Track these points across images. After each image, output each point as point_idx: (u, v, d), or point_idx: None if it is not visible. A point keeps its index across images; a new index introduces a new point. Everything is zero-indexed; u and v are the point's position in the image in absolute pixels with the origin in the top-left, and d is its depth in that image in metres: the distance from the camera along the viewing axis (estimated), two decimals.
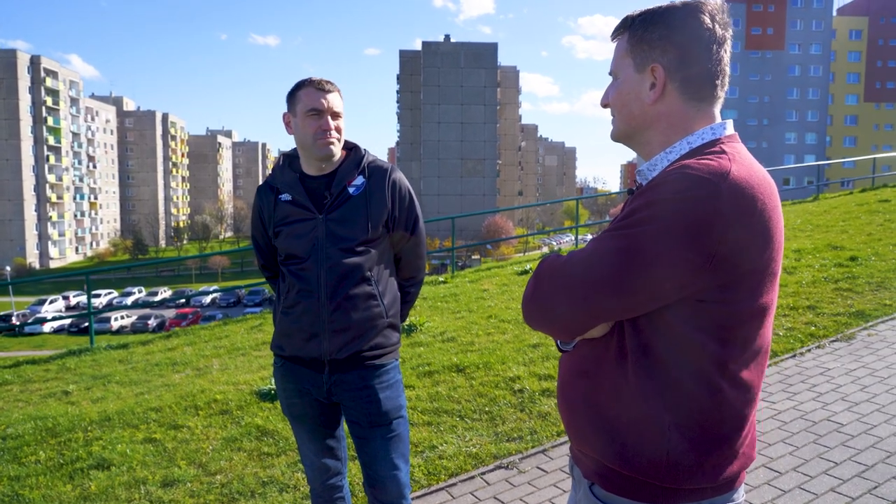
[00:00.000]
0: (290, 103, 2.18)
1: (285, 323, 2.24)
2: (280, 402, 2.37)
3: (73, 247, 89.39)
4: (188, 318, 40.06)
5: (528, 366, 4.95)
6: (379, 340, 2.21)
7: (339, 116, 2.18)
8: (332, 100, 2.14)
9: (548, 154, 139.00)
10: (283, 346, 2.27)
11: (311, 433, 2.30)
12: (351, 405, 2.22)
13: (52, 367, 7.29)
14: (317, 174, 2.22)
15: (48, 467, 3.86)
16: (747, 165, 1.17)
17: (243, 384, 5.07)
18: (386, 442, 2.22)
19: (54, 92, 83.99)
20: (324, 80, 2.16)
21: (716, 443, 1.19)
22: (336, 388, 2.22)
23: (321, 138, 2.13)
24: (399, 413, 2.25)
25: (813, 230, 10.40)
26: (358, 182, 2.20)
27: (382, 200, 2.20)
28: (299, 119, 2.15)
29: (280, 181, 2.24)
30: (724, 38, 1.22)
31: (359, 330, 2.17)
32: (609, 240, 1.16)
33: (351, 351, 2.17)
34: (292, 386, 2.28)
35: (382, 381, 2.22)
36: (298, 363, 2.25)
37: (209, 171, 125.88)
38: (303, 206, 2.18)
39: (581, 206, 48.84)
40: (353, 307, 2.15)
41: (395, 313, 2.27)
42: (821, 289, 6.68)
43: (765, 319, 1.21)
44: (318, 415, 2.29)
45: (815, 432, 3.69)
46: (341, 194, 2.18)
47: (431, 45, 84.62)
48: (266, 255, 2.37)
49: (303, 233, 2.16)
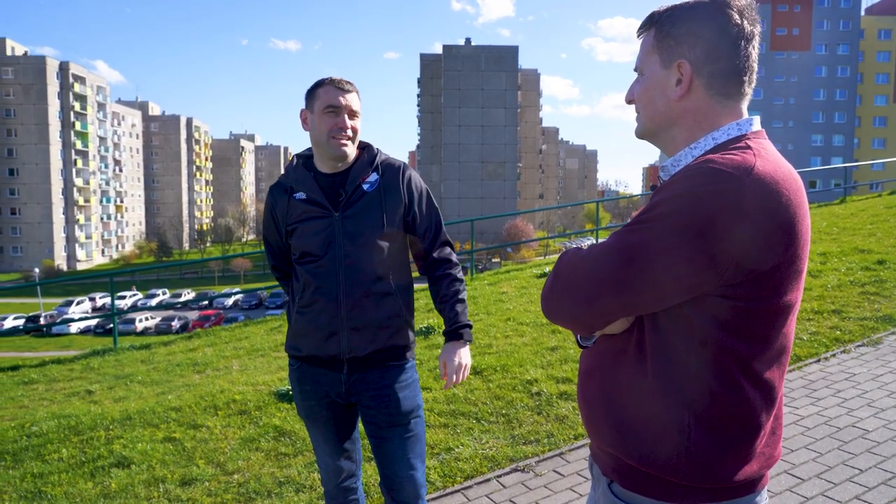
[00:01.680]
0: (309, 100, 2.19)
1: (301, 322, 2.22)
2: (296, 404, 2.36)
3: (99, 249, 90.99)
4: (211, 320, 40.56)
5: (546, 368, 4.91)
6: (397, 338, 2.21)
7: (355, 116, 2.17)
8: (350, 99, 2.15)
9: (569, 157, 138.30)
10: (299, 347, 2.26)
11: (327, 435, 2.30)
12: (369, 405, 2.21)
13: (76, 366, 7.42)
14: (331, 172, 2.21)
15: (70, 465, 3.92)
16: (773, 161, 1.14)
17: (262, 385, 5.11)
18: (403, 442, 2.21)
19: (82, 97, 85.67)
20: (343, 79, 2.16)
21: (736, 441, 1.17)
22: (355, 387, 2.21)
23: (336, 136, 2.13)
24: (416, 413, 2.24)
25: (839, 233, 10.20)
26: (372, 179, 2.20)
27: (398, 196, 2.19)
28: (316, 116, 2.15)
29: (294, 180, 2.23)
30: (752, 34, 1.20)
31: (377, 327, 2.16)
32: (629, 234, 1.15)
33: (370, 349, 2.16)
34: (309, 388, 2.27)
35: (401, 381, 2.21)
36: (316, 363, 2.24)
37: (232, 174, 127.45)
38: (318, 203, 2.17)
39: (602, 209, 48.46)
40: (370, 305, 2.14)
41: (411, 311, 2.26)
42: (847, 293, 6.55)
43: (788, 317, 1.18)
44: (335, 417, 2.28)
45: (839, 438, 3.61)
46: (356, 191, 2.17)
47: (452, 48, 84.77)
48: (278, 255, 2.37)
49: (318, 230, 2.15)
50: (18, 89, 78.97)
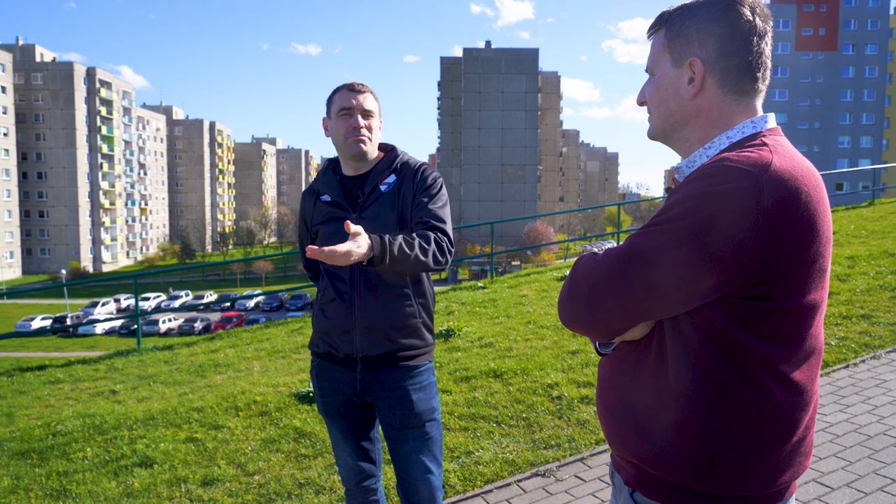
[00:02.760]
0: (328, 107, 2.28)
1: (321, 320, 2.28)
2: (316, 400, 2.40)
3: (124, 251, 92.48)
4: (232, 322, 40.95)
5: (567, 372, 4.87)
6: (412, 340, 2.22)
7: (370, 116, 2.22)
8: (362, 99, 2.20)
9: (589, 160, 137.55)
10: (318, 344, 2.32)
11: (345, 433, 2.32)
12: (384, 405, 2.23)
13: (101, 366, 7.53)
14: (354, 174, 2.27)
15: (94, 463, 3.97)
16: (790, 157, 1.11)
17: (282, 386, 5.13)
18: (418, 444, 2.21)
19: (108, 102, 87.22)
20: (357, 82, 2.23)
21: (764, 448, 1.14)
22: (369, 387, 2.23)
23: (352, 136, 2.18)
24: (432, 416, 2.25)
25: (868, 236, 9.99)
26: (389, 180, 2.24)
27: (410, 193, 2.20)
28: (333, 120, 2.23)
29: (321, 183, 2.32)
30: (764, 30, 1.18)
31: (390, 327, 2.18)
32: (644, 237, 1.12)
33: (383, 349, 2.18)
34: (327, 384, 2.31)
35: (416, 383, 2.22)
36: (333, 361, 2.28)
37: (254, 177, 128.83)
38: (339, 205, 2.24)
39: (623, 212, 48.18)
40: (384, 305, 2.17)
41: (429, 313, 2.28)
42: (876, 297, 6.40)
43: (815, 318, 1.15)
44: (352, 414, 2.30)
45: (870, 447, 3.52)
46: (373, 192, 2.22)
47: (472, 51, 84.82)
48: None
49: (337, 231, 2.18)
50: (47, 95, 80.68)
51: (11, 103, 76.71)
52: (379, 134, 2.28)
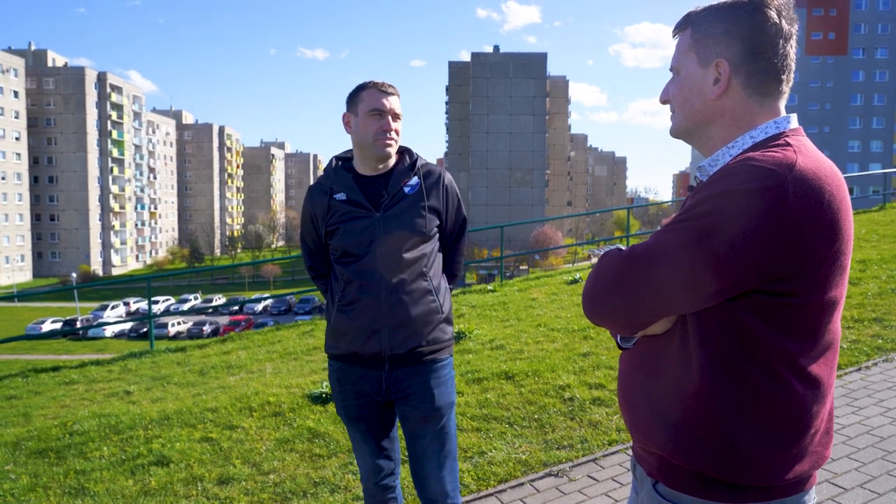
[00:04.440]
0: (351, 104, 2.24)
1: (343, 321, 2.25)
2: (335, 403, 2.39)
3: (133, 255, 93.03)
4: (241, 325, 41.09)
5: (579, 374, 4.88)
6: (436, 335, 2.25)
7: (398, 119, 2.24)
8: (393, 102, 2.22)
9: (597, 164, 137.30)
10: (339, 345, 2.29)
11: (366, 434, 2.33)
12: (406, 401, 2.25)
13: (114, 368, 7.59)
14: (372, 174, 2.27)
15: (111, 462, 4.02)
16: (814, 157, 1.14)
17: (295, 387, 5.17)
18: (436, 439, 2.25)
19: (119, 106, 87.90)
20: (385, 82, 2.23)
21: (785, 439, 1.16)
22: (395, 385, 2.25)
23: (381, 138, 2.19)
24: (450, 410, 2.29)
25: (879, 240, 9.95)
26: (413, 182, 2.27)
27: (436, 200, 2.27)
28: (360, 119, 2.21)
29: (334, 181, 2.28)
30: (790, 33, 1.21)
31: (417, 325, 2.21)
32: (668, 234, 1.15)
33: (410, 346, 2.21)
34: (350, 388, 2.30)
35: (438, 377, 2.26)
36: (357, 362, 2.27)
37: (263, 181, 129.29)
38: (359, 204, 2.22)
39: (632, 217, 48.08)
40: (411, 302, 2.20)
41: (448, 308, 2.31)
42: (888, 300, 6.38)
43: (834, 313, 1.17)
44: (374, 416, 2.31)
45: (883, 448, 3.52)
46: (398, 193, 2.24)
47: (480, 55, 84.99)
48: (315, 256, 2.41)
49: (360, 230, 2.21)
50: (58, 99, 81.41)
51: (23, 108, 77.45)
52: (400, 136, 2.31)
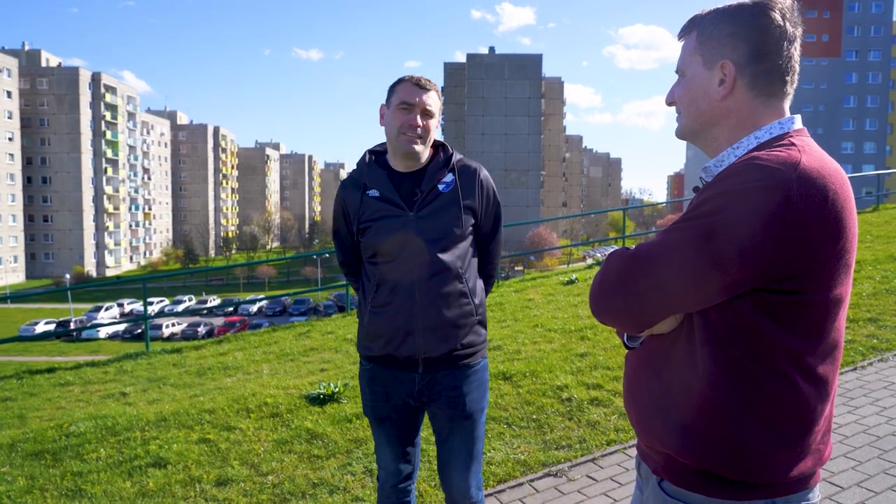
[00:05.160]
0: (388, 96, 2.19)
1: (377, 322, 2.20)
2: (363, 403, 2.34)
3: (127, 256, 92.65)
4: (236, 326, 40.97)
5: (576, 375, 4.90)
6: (471, 338, 2.20)
7: (430, 116, 2.15)
8: (426, 97, 2.13)
9: (592, 165, 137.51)
10: (373, 346, 2.24)
11: (391, 437, 2.29)
12: (438, 403, 2.21)
13: (110, 369, 7.57)
14: (405, 171, 2.20)
15: (108, 464, 4.00)
16: (818, 157, 1.15)
17: (293, 388, 5.16)
18: (464, 442, 2.23)
19: (113, 107, 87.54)
20: (423, 77, 2.16)
21: (790, 437, 1.17)
22: (428, 388, 2.20)
23: (405, 133, 2.11)
24: (481, 413, 2.26)
25: (873, 241, 10.02)
26: (448, 179, 2.19)
27: (472, 198, 2.19)
28: (391, 111, 2.15)
29: (367, 176, 2.22)
30: (794, 35, 1.22)
31: (452, 328, 2.15)
32: (678, 231, 1.16)
33: (445, 349, 2.15)
34: (381, 389, 2.25)
35: (471, 382, 2.21)
36: (390, 364, 2.22)
37: (257, 182, 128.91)
38: (392, 202, 2.15)
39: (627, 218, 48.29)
40: (445, 305, 2.13)
41: (483, 311, 2.25)
42: (882, 301, 6.42)
43: (839, 311, 1.18)
44: (402, 419, 2.26)
45: (879, 447, 3.54)
46: (432, 192, 2.16)
47: (476, 56, 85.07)
48: (348, 251, 2.35)
49: (393, 229, 2.14)
50: (52, 99, 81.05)
51: (17, 108, 77.04)
52: (435, 134, 2.20)
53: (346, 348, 7.13)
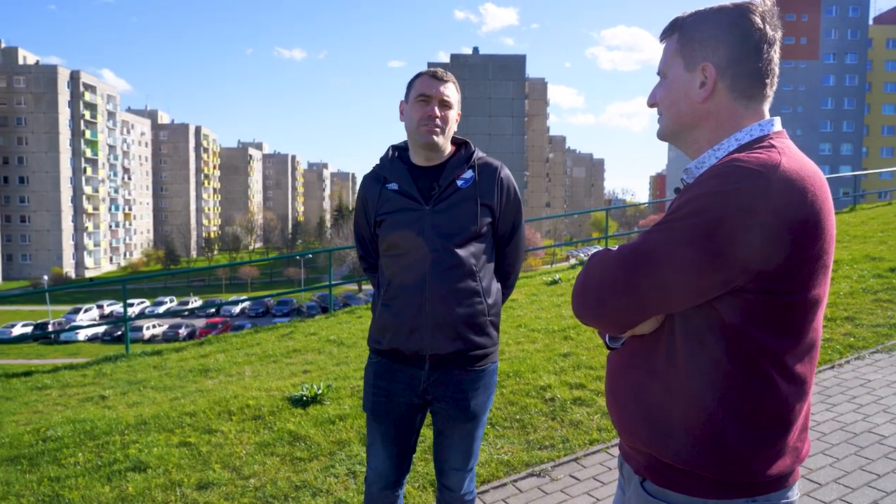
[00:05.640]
0: (407, 91, 2.20)
1: (386, 316, 2.18)
2: (364, 397, 2.30)
3: (107, 257, 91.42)
4: (218, 328, 40.62)
5: (559, 375, 4.92)
6: (481, 340, 2.16)
7: (448, 106, 2.15)
8: (443, 89, 2.13)
9: (575, 166, 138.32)
10: (381, 340, 2.21)
11: (386, 436, 2.24)
12: (442, 402, 2.18)
13: (89, 372, 7.46)
14: (425, 165, 2.19)
15: (87, 469, 3.94)
16: (798, 159, 1.17)
17: (275, 390, 5.12)
18: (463, 441, 2.22)
19: (92, 106, 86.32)
20: (441, 69, 2.17)
21: (769, 436, 1.19)
22: (433, 386, 2.17)
23: (425, 125, 2.11)
24: (484, 416, 2.24)
25: (850, 241, 10.17)
26: (467, 176, 2.17)
27: (491, 196, 2.16)
28: (409, 105, 2.16)
29: (388, 170, 2.21)
30: (774, 38, 1.24)
31: (461, 326, 2.11)
32: (657, 233, 1.17)
33: (453, 348, 2.12)
34: (384, 384, 2.22)
35: (478, 384, 2.18)
36: (398, 359, 2.19)
37: (240, 182, 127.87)
38: (410, 195, 2.14)
39: (610, 218, 48.56)
40: (456, 302, 2.10)
41: (496, 311, 2.22)
42: (859, 300, 6.53)
43: (817, 312, 1.20)
44: (401, 419, 2.23)
45: (855, 444, 3.60)
46: (450, 187, 2.14)
47: (459, 57, 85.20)
48: (366, 245, 2.34)
49: (408, 223, 2.12)
50: (30, 98, 79.74)
51: None
52: (454, 126, 2.20)
53: (330, 349, 7.10)
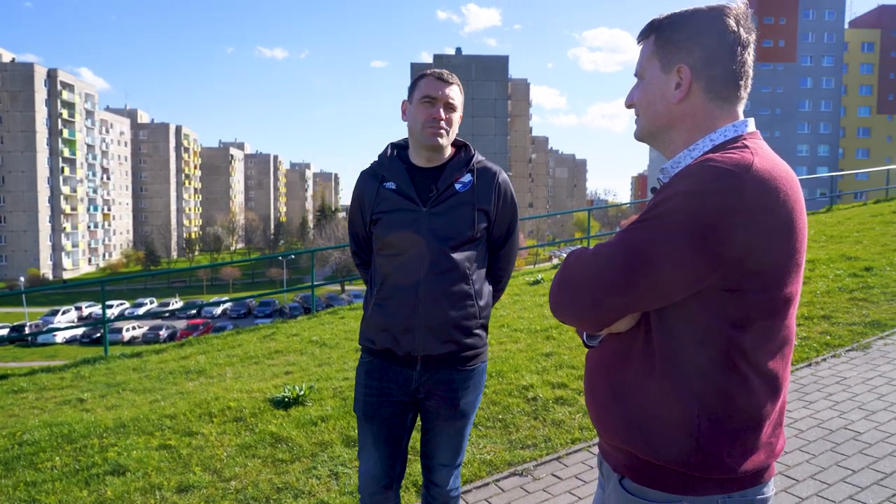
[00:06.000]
0: (410, 91, 2.19)
1: (379, 315, 2.18)
2: (355, 398, 2.29)
3: (85, 258, 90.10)
4: (199, 329, 40.23)
5: (541, 374, 4.94)
6: (472, 341, 2.18)
7: (453, 109, 2.16)
8: (448, 91, 2.14)
9: (558, 166, 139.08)
10: (374, 339, 2.21)
11: (378, 437, 2.22)
12: (432, 401, 2.20)
13: (66, 375, 7.35)
14: (425, 166, 2.19)
15: (64, 473, 3.89)
16: (770, 159, 1.19)
17: (257, 392, 5.09)
18: (451, 438, 2.24)
19: (70, 104, 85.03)
20: (446, 71, 2.17)
21: (743, 432, 1.21)
22: (424, 386, 2.18)
23: (430, 126, 2.12)
24: (472, 414, 2.26)
25: (827, 241, 10.33)
26: (465, 179, 2.17)
27: (488, 202, 2.17)
28: (414, 106, 2.15)
29: (387, 169, 2.21)
30: (747, 41, 1.26)
31: (453, 328, 2.12)
32: (633, 232, 1.19)
33: (445, 349, 2.13)
34: (375, 384, 2.22)
35: (468, 384, 2.20)
36: (389, 359, 2.20)
37: (221, 182, 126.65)
38: (407, 196, 2.14)
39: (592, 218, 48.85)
40: (449, 305, 2.11)
41: (487, 314, 2.24)
42: (835, 298, 6.63)
43: (789, 310, 1.22)
44: (392, 418, 2.22)
45: (832, 440, 3.66)
46: (448, 189, 2.15)
47: (443, 57, 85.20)
48: (360, 242, 2.34)
49: (404, 224, 2.12)
50: (5, 96, 78.34)
51: None
52: (457, 128, 2.20)
53: (312, 350, 7.06)
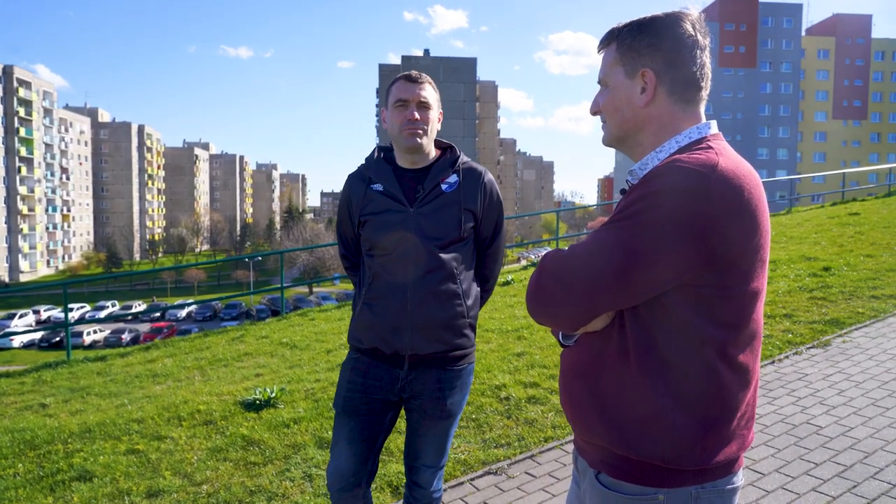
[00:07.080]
0: (385, 98, 2.22)
1: (367, 315, 2.20)
2: (336, 393, 2.29)
3: (44, 260, 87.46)
4: (163, 332, 39.38)
5: (514, 374, 4.98)
6: (460, 341, 2.20)
7: (427, 108, 2.17)
8: (420, 91, 2.16)
9: (526, 168, 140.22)
10: (362, 339, 2.23)
11: (353, 432, 2.21)
12: (419, 402, 2.21)
13: (27, 380, 7.14)
14: (410, 168, 2.22)
15: (27, 480, 3.78)
16: (734, 159, 1.24)
17: (226, 395, 5.03)
18: (436, 438, 2.25)
19: (27, 102, 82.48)
20: (415, 72, 2.20)
21: (715, 423, 1.25)
22: (410, 385, 2.19)
23: (407, 128, 2.14)
24: (458, 415, 2.27)
25: (787, 242, 10.63)
26: (451, 180, 2.20)
27: (474, 202, 2.20)
28: (390, 111, 2.19)
29: (374, 171, 2.23)
30: (704, 44, 1.32)
31: (441, 328, 2.15)
32: (606, 232, 1.22)
33: (433, 349, 2.15)
34: (360, 380, 2.23)
35: (455, 384, 2.22)
36: (377, 358, 2.21)
37: (186, 183, 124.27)
38: (394, 197, 2.17)
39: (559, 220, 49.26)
40: (437, 304, 2.13)
41: (475, 314, 2.26)
42: (796, 298, 6.83)
43: (756, 304, 1.27)
44: (372, 415, 2.22)
45: (795, 435, 3.77)
46: (434, 190, 2.17)
47: (411, 59, 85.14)
48: (348, 244, 2.35)
49: (392, 224, 2.14)
50: None
51: None
52: (437, 126, 2.22)
53: (282, 352, 6.99)
